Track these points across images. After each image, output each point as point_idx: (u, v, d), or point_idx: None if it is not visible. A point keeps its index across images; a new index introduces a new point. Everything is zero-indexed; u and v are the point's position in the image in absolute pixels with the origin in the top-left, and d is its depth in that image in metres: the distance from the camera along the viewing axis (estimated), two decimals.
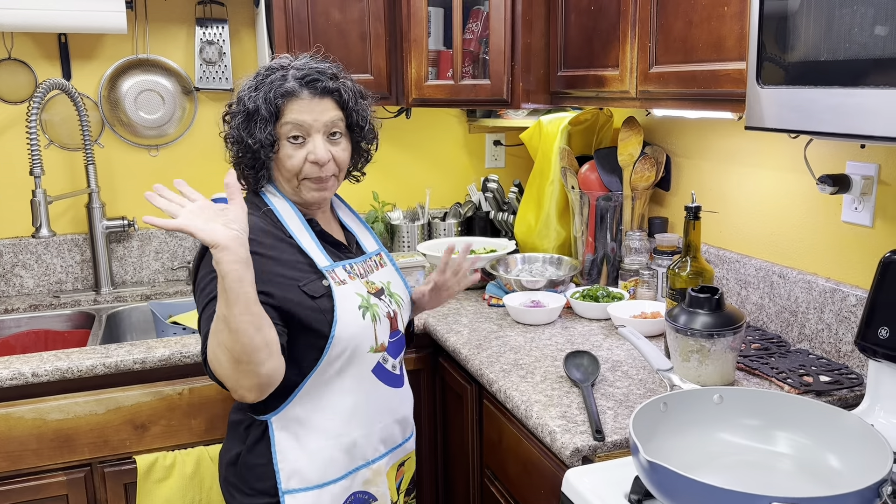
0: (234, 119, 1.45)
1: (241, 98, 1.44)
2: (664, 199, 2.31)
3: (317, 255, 1.44)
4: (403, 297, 1.60)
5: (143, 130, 2.49)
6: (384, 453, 1.52)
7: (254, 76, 1.46)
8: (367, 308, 1.45)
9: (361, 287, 1.47)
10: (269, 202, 1.47)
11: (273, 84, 1.41)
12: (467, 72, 2.29)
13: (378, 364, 1.48)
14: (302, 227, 1.46)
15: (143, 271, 2.56)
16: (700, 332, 1.57)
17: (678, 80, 1.62)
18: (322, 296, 1.40)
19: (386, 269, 1.60)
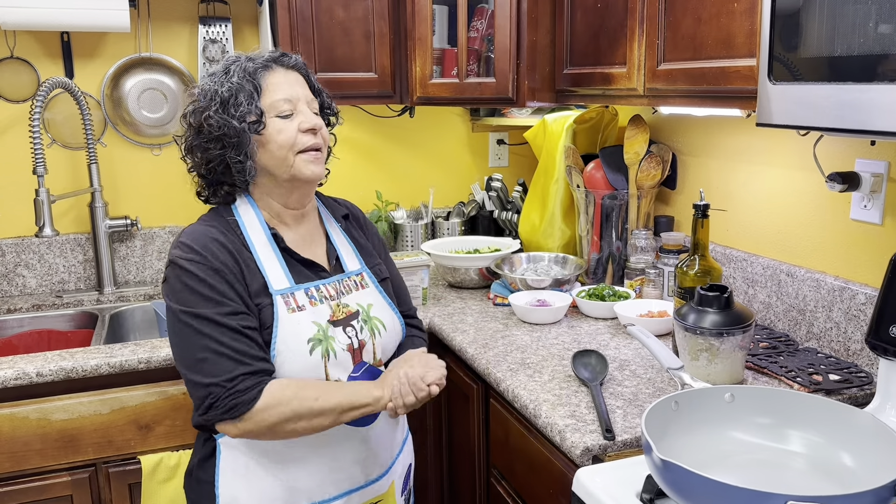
0: (207, 111, 1.33)
1: (208, 90, 1.35)
2: (670, 198, 2.30)
3: (275, 274, 1.36)
4: (386, 321, 1.47)
5: (146, 129, 2.48)
6: (336, 495, 1.40)
7: (211, 74, 1.38)
8: (318, 342, 1.34)
9: (323, 314, 1.37)
10: (237, 213, 1.39)
11: (242, 65, 1.36)
12: (472, 70, 2.29)
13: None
14: (266, 242, 1.37)
15: (145, 271, 2.55)
16: (709, 331, 1.56)
17: (687, 77, 1.61)
18: (267, 327, 1.33)
19: (367, 290, 1.48)
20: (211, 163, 1.37)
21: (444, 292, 2.37)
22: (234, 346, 1.27)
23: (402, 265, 2.18)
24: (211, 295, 1.28)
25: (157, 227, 2.55)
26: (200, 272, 1.29)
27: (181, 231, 1.38)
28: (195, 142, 1.37)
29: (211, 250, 1.31)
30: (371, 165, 2.74)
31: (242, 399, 1.26)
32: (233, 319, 1.29)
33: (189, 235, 1.34)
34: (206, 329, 1.27)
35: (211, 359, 1.26)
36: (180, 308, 1.29)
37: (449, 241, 2.54)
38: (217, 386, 1.25)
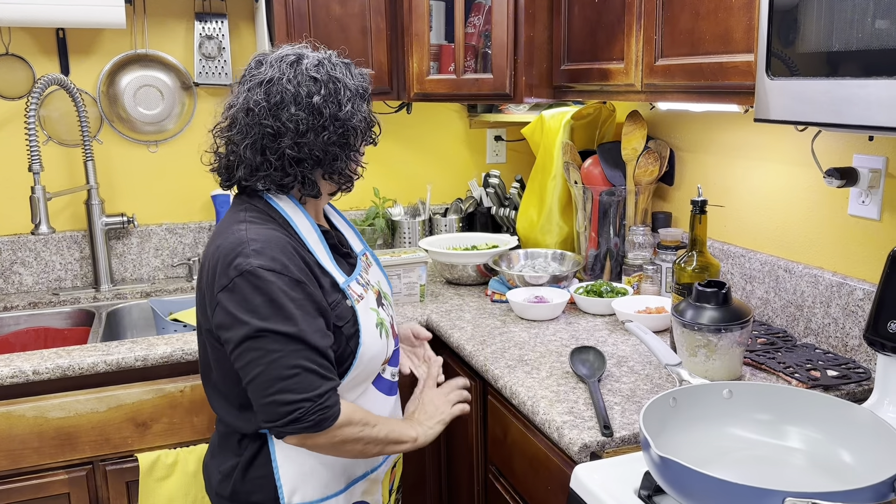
0: (339, 96, 1.30)
1: (333, 77, 1.30)
2: (667, 194, 2.30)
3: (335, 271, 1.36)
4: (390, 296, 1.57)
5: (142, 126, 2.47)
6: (381, 462, 1.50)
7: (318, 63, 1.32)
8: (381, 324, 1.42)
9: (373, 298, 1.44)
10: (283, 211, 1.35)
11: (353, 70, 1.37)
12: (469, 66, 2.28)
13: (378, 375, 1.47)
14: (318, 240, 1.36)
15: (142, 268, 2.55)
16: (707, 327, 1.56)
17: (684, 72, 1.61)
18: (347, 321, 1.35)
19: (373, 268, 1.55)
20: (304, 154, 1.30)
21: (441, 289, 2.37)
22: (320, 361, 1.26)
23: (400, 262, 2.17)
24: (294, 311, 1.23)
25: (154, 225, 2.54)
26: (284, 285, 1.23)
27: (243, 233, 1.27)
28: (309, 124, 1.28)
29: (290, 257, 1.26)
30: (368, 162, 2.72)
31: (330, 414, 1.26)
32: (317, 335, 1.26)
33: (261, 241, 1.26)
34: (293, 346, 1.22)
35: (301, 375, 1.22)
36: (262, 325, 1.21)
37: (446, 237, 2.53)
38: (308, 401, 1.23)
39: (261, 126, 1.28)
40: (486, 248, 2.45)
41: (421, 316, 2.11)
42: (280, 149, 1.29)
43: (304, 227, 1.34)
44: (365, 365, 1.37)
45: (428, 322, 2.10)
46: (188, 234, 2.57)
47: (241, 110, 1.31)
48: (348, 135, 1.33)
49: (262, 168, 1.31)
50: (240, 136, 1.31)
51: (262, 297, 1.22)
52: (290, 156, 1.29)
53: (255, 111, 1.28)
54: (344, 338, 1.33)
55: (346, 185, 1.41)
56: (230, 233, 1.29)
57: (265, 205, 1.35)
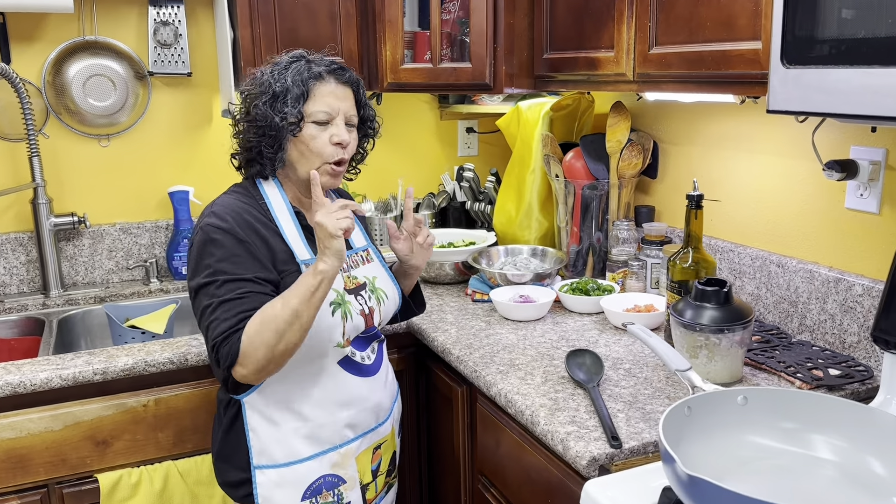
0: (258, 99, 1.47)
1: (264, 81, 1.48)
2: (649, 187, 2.24)
3: (298, 247, 1.49)
4: (388, 292, 1.62)
5: (93, 119, 2.30)
6: (352, 438, 1.55)
7: (273, 64, 1.51)
8: (339, 305, 1.48)
9: (339, 283, 1.50)
10: (263, 191, 1.53)
11: (300, 68, 1.48)
12: (445, 55, 2.17)
13: (346, 357, 1.53)
14: (289, 218, 1.50)
15: (95, 271, 2.38)
16: (708, 328, 1.50)
17: (683, 61, 1.53)
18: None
19: (373, 264, 1.62)
20: (248, 144, 1.51)
21: None
22: (247, 306, 1.37)
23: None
24: (233, 266, 1.39)
25: (107, 225, 2.38)
26: (228, 241, 1.40)
27: (213, 201, 1.50)
28: (242, 120, 1.51)
29: (241, 222, 1.43)
30: None
31: (234, 349, 1.35)
32: (251, 286, 1.39)
33: (220, 205, 1.46)
34: (226, 289, 1.38)
35: (217, 318, 1.37)
36: (199, 281, 1.40)
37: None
38: (231, 331, 1.36)
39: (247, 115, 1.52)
40: (462, 245, 2.36)
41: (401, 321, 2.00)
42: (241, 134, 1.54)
43: (277, 205, 1.51)
44: (309, 339, 1.41)
45: (409, 324, 1.99)
46: (144, 234, 2.41)
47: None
48: (266, 129, 1.48)
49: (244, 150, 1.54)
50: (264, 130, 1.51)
51: (208, 253, 1.40)
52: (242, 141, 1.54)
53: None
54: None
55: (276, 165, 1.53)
56: (208, 205, 1.50)
57: (252, 185, 1.54)
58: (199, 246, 1.42)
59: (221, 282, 1.38)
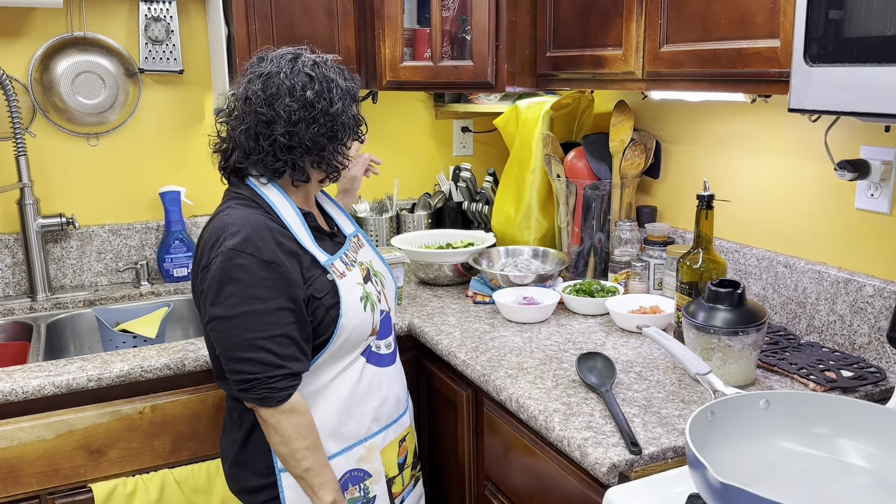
0: (326, 94, 1.40)
1: (323, 75, 1.41)
2: (651, 188, 2.22)
3: (315, 251, 1.44)
4: (385, 275, 1.62)
5: (81, 117, 2.23)
6: (377, 431, 1.53)
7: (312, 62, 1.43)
8: (366, 298, 1.48)
9: (359, 275, 1.50)
10: (266, 196, 1.45)
11: (337, 69, 1.46)
12: (446, 52, 2.14)
13: (368, 348, 1.51)
14: (300, 223, 1.45)
15: (84, 274, 2.31)
16: (723, 330, 1.48)
17: (696, 59, 1.51)
18: (326, 293, 1.42)
19: (365, 249, 1.62)
20: (294, 142, 1.39)
21: (417, 290, 2.22)
22: (277, 348, 1.34)
23: None
24: (259, 293, 1.33)
25: (96, 226, 2.31)
26: (254, 266, 1.33)
27: (224, 217, 1.38)
28: (301, 115, 1.38)
29: (264, 239, 1.35)
30: None
31: (276, 395, 1.35)
32: (281, 317, 1.34)
33: (238, 224, 1.36)
34: (255, 327, 1.33)
35: (258, 355, 1.33)
36: (228, 310, 1.33)
37: (417, 235, 2.40)
38: (256, 379, 1.34)
39: (256, 114, 1.39)
40: (461, 246, 2.32)
41: (402, 320, 1.97)
42: (272, 136, 1.39)
43: (285, 211, 1.43)
44: (349, 334, 1.43)
45: (411, 327, 1.96)
46: (134, 235, 2.35)
47: (239, 99, 1.42)
48: (336, 129, 1.43)
49: (255, 153, 1.41)
50: (236, 122, 1.42)
51: (233, 280, 1.33)
52: (281, 143, 1.39)
53: (252, 100, 1.39)
54: (324, 308, 1.40)
55: (333, 174, 1.50)
56: (217, 219, 1.41)
57: (251, 192, 1.45)
58: (223, 272, 1.33)
59: (254, 314, 1.33)
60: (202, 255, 1.39)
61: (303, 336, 1.38)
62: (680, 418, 1.38)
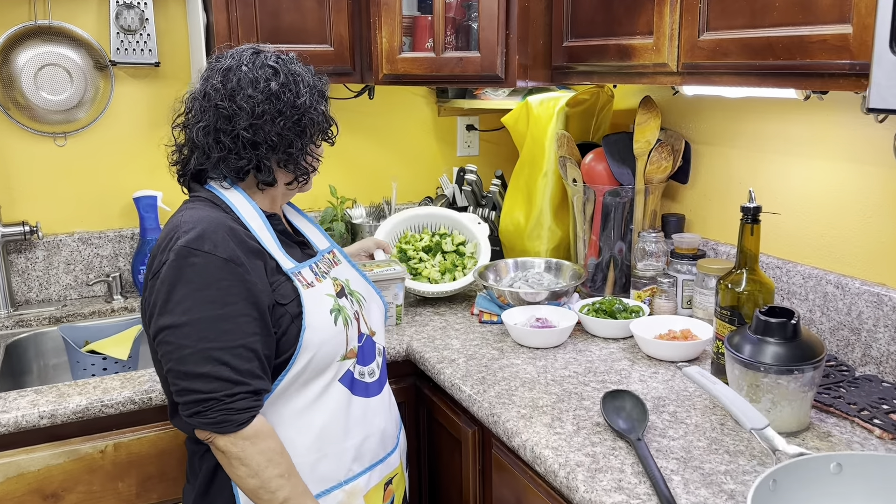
0: (293, 87, 1.28)
1: (290, 70, 1.29)
2: (678, 194, 2.00)
3: (280, 256, 1.29)
4: (364, 293, 1.44)
5: (47, 115, 2.02)
6: (359, 472, 1.34)
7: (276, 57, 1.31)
8: (338, 311, 1.31)
9: (330, 287, 1.33)
10: (225, 198, 1.30)
11: (312, 70, 1.35)
12: (450, 42, 1.91)
13: (347, 373, 1.32)
14: (263, 226, 1.30)
15: (50, 287, 2.10)
16: (774, 367, 1.26)
17: (744, 49, 1.28)
18: (291, 301, 1.26)
19: (342, 266, 1.46)
20: (259, 139, 1.26)
21: (416, 305, 2.01)
22: (236, 361, 1.16)
23: (374, 278, 1.80)
24: (219, 296, 1.17)
25: (64, 234, 2.10)
26: (212, 265, 1.17)
27: (178, 217, 1.24)
28: (265, 108, 1.25)
29: (222, 237, 1.19)
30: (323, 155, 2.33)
31: (235, 418, 1.16)
32: (242, 325, 1.17)
33: (194, 222, 1.21)
34: (208, 339, 1.15)
35: (214, 371, 1.15)
36: (177, 318, 1.16)
37: (403, 218, 2.13)
38: (213, 399, 1.15)
39: (216, 109, 1.26)
40: (451, 243, 2.08)
41: (399, 344, 1.75)
42: (235, 131, 1.26)
43: (247, 213, 1.29)
44: (316, 350, 1.25)
45: (409, 352, 1.74)
46: (106, 244, 2.13)
47: (197, 97, 1.30)
48: (305, 124, 1.30)
49: (216, 151, 1.27)
50: (195, 120, 1.29)
51: (185, 281, 1.17)
52: (244, 138, 1.26)
53: (212, 95, 1.27)
54: (289, 316, 1.25)
55: (302, 177, 1.36)
56: (170, 221, 1.26)
57: (210, 195, 1.30)
58: (173, 273, 1.17)
59: (209, 321, 1.16)
60: (152, 261, 1.24)
61: (265, 350, 1.21)
62: (727, 475, 1.16)
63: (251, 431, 1.17)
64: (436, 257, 2.05)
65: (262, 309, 1.20)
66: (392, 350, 1.74)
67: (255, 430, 1.18)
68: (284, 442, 1.24)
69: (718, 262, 1.75)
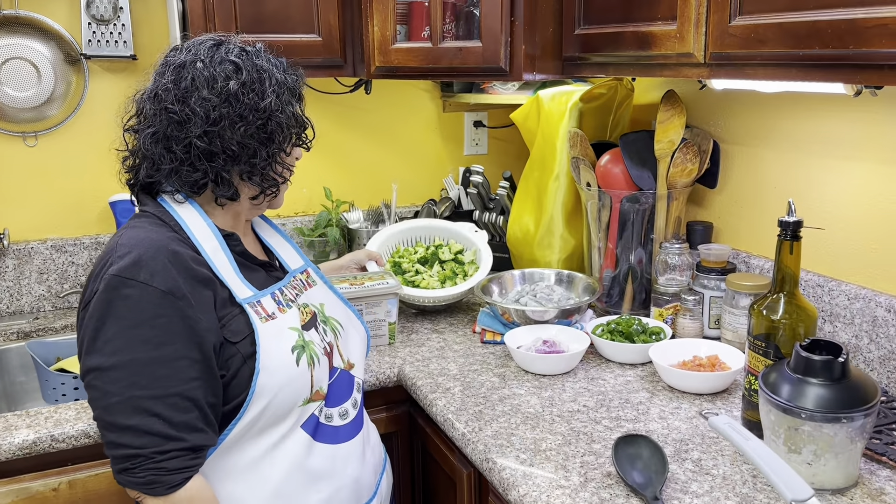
0: (256, 86, 1.11)
1: (266, 68, 1.13)
2: (705, 199, 1.80)
3: (236, 283, 1.12)
4: (342, 319, 1.29)
5: (14, 113, 1.86)
6: None
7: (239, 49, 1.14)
8: (302, 349, 1.14)
9: (295, 318, 1.17)
10: (176, 215, 1.13)
11: (273, 61, 1.17)
12: (449, 31, 1.72)
13: (311, 418, 1.16)
14: (218, 247, 1.14)
15: (21, 298, 1.95)
16: (818, 414, 1.06)
17: (785, 36, 1.08)
18: (244, 338, 1.09)
19: (317, 287, 1.31)
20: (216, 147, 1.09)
21: (412, 320, 1.83)
22: (171, 415, 1.00)
23: (363, 293, 1.63)
24: (154, 335, 1.01)
25: (36, 241, 1.95)
26: (146, 299, 1.01)
27: (115, 238, 1.09)
28: (223, 112, 1.08)
29: (163, 264, 1.03)
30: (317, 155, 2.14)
31: (167, 480, 1.01)
32: (179, 370, 1.01)
33: (131, 245, 1.05)
34: (142, 382, 1.00)
35: (144, 424, 1.00)
36: (106, 359, 1.00)
37: (396, 231, 1.96)
38: (142, 456, 1.00)
39: (166, 112, 1.10)
40: (449, 253, 1.90)
41: (390, 368, 1.58)
42: (187, 139, 1.09)
43: (200, 233, 1.13)
44: (273, 396, 1.09)
45: (401, 376, 1.57)
46: (81, 251, 1.98)
47: (147, 97, 1.14)
48: (271, 130, 1.13)
49: (166, 161, 1.11)
50: (145, 125, 1.13)
51: (115, 316, 1.01)
52: (199, 147, 1.09)
53: (162, 96, 1.11)
54: (240, 357, 1.08)
55: (271, 190, 1.19)
56: (108, 243, 1.11)
57: (159, 210, 1.14)
58: (103, 306, 1.01)
59: (141, 365, 1.01)
60: (84, 290, 1.09)
61: (209, 398, 1.05)
62: None
63: (184, 496, 1.02)
64: (433, 268, 1.87)
65: (205, 350, 1.04)
66: (382, 374, 1.57)
67: (189, 494, 1.02)
68: (234, 500, 1.08)
69: (751, 277, 1.55)
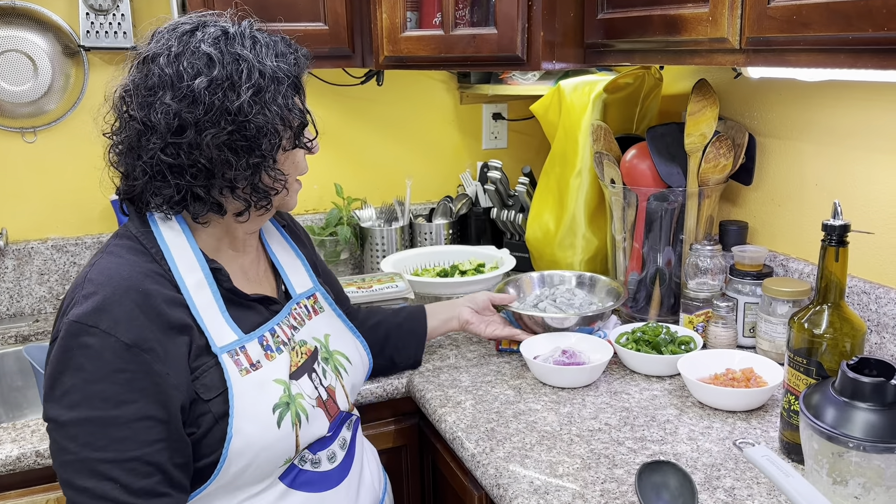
0: (238, 80, 0.95)
1: (241, 55, 0.96)
2: (739, 197, 1.67)
3: (217, 327, 1.00)
4: (349, 353, 1.19)
5: (12, 108, 1.79)
6: None
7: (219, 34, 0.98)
8: (285, 407, 1.01)
9: (284, 366, 1.05)
10: (160, 236, 1.02)
11: (266, 41, 1.00)
12: (463, 17, 1.61)
13: (291, 468, 1.05)
14: (203, 281, 1.01)
15: (22, 300, 1.88)
16: (868, 444, 0.94)
17: (832, 17, 0.96)
18: (217, 396, 0.98)
19: (323, 315, 1.20)
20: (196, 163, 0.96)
21: None
22: (128, 480, 0.90)
23: (371, 297, 1.53)
24: (114, 392, 0.90)
25: (36, 241, 1.88)
26: (108, 351, 0.90)
27: (86, 269, 0.99)
28: (187, 119, 0.94)
29: (130, 310, 0.92)
30: (327, 151, 2.06)
31: None
32: (140, 431, 0.91)
33: (98, 283, 0.94)
34: (99, 444, 0.90)
35: (97, 488, 0.89)
36: (65, 413, 0.90)
37: (415, 254, 1.93)
38: None
39: (130, 119, 0.98)
40: (471, 269, 1.82)
41: (399, 377, 1.48)
42: (151, 150, 0.96)
43: (183, 264, 1.00)
44: (249, 462, 0.98)
45: (410, 387, 1.47)
46: (83, 251, 1.91)
47: (118, 97, 1.01)
48: (249, 136, 0.96)
49: (138, 173, 0.99)
50: (116, 131, 1.02)
51: (74, 368, 0.90)
52: (164, 162, 0.96)
53: (126, 99, 0.99)
54: (211, 417, 0.97)
55: (262, 202, 1.04)
56: (80, 273, 1.00)
57: (143, 230, 1.02)
58: (61, 353, 0.92)
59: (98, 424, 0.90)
60: (55, 321, 0.99)
61: (176, 458, 0.94)
62: None
63: None
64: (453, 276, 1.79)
65: (171, 409, 0.93)
66: (390, 385, 1.47)
67: None
68: None
69: (790, 282, 1.43)
